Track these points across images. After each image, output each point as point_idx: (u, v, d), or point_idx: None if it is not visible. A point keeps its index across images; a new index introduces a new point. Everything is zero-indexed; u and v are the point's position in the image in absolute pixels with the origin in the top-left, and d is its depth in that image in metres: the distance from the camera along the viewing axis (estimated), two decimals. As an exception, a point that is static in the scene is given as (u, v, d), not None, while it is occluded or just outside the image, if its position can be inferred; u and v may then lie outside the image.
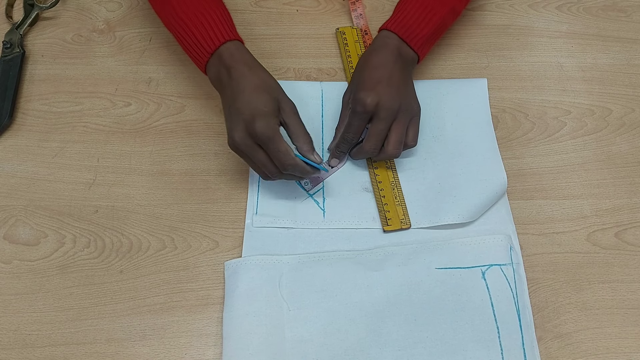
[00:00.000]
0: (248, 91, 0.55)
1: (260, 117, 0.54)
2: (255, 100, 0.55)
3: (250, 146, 0.55)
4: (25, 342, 0.54)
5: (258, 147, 0.55)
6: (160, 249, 0.59)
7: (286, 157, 0.54)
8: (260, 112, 0.54)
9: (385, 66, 0.60)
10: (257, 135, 0.54)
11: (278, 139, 0.54)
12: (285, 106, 0.57)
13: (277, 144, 0.54)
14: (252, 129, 0.54)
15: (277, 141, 0.54)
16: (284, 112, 0.56)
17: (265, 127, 0.54)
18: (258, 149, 0.55)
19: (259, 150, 0.55)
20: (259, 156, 0.55)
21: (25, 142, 0.66)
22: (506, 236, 0.58)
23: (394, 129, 0.59)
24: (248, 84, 0.56)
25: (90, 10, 0.76)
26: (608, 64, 0.71)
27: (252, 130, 0.54)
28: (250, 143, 0.55)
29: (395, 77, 0.60)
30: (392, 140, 0.59)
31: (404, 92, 0.60)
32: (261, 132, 0.53)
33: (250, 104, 0.54)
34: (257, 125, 0.53)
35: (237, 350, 0.52)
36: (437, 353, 0.52)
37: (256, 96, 0.55)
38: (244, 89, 0.55)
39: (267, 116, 0.54)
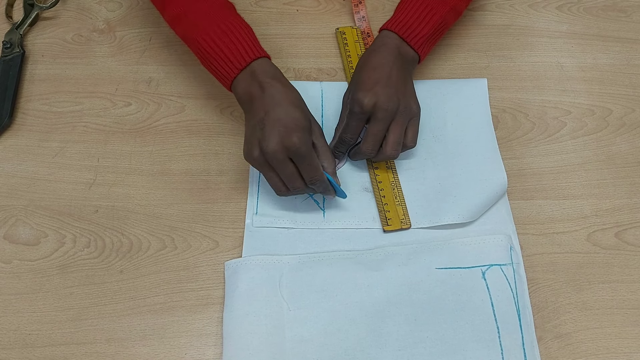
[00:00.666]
0: (285, 105, 0.55)
1: (300, 130, 0.54)
2: (293, 114, 0.55)
3: (282, 159, 0.54)
4: (25, 342, 0.54)
5: (289, 160, 0.55)
6: (160, 248, 0.59)
7: (317, 173, 0.55)
8: (299, 126, 0.54)
9: (384, 66, 0.60)
10: (294, 147, 0.53)
11: (313, 155, 0.55)
12: (315, 127, 0.58)
13: (312, 158, 0.55)
14: (290, 141, 0.53)
15: (312, 156, 0.55)
16: (314, 133, 0.57)
17: (305, 141, 0.54)
18: (289, 162, 0.55)
19: (289, 163, 0.55)
20: (289, 169, 0.55)
21: (25, 142, 0.66)
22: (506, 236, 0.58)
23: (392, 130, 0.59)
24: (285, 99, 0.56)
25: (91, 10, 0.76)
26: (608, 64, 0.71)
27: (290, 143, 0.53)
28: (283, 156, 0.54)
29: (394, 78, 0.60)
30: (390, 141, 0.59)
31: (402, 92, 0.60)
32: (300, 146, 0.53)
33: (288, 117, 0.54)
34: (295, 138, 0.53)
35: (237, 350, 0.52)
36: (437, 353, 0.52)
37: (294, 111, 0.55)
38: (281, 103, 0.55)
39: (305, 131, 0.55)
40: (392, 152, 0.59)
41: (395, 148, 0.59)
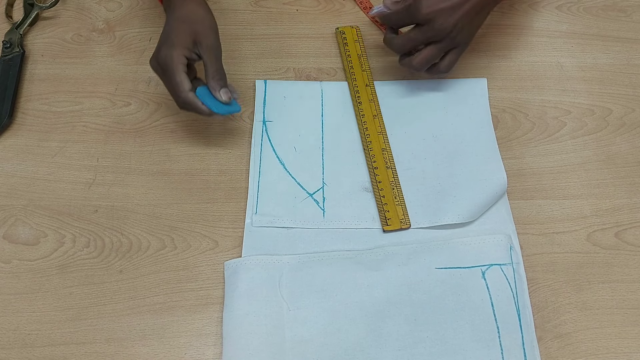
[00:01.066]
0: (170, 22, 0.58)
1: (166, 46, 0.56)
2: (170, 30, 0.58)
3: (159, 73, 0.58)
4: (25, 341, 0.54)
5: (164, 75, 0.58)
6: (160, 248, 0.59)
7: (176, 90, 0.57)
8: (167, 41, 0.57)
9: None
10: (160, 62, 0.57)
11: (172, 71, 0.56)
12: (203, 40, 0.57)
13: (171, 75, 0.56)
14: (158, 55, 0.57)
15: (171, 73, 0.56)
16: (200, 46, 0.57)
17: (165, 56, 0.56)
18: (163, 77, 0.58)
19: (164, 78, 0.58)
20: (165, 84, 0.58)
21: (25, 141, 0.66)
22: (506, 236, 0.58)
23: (430, 47, 0.60)
24: (174, 16, 0.58)
25: (90, 10, 0.76)
26: (608, 64, 0.71)
27: (158, 57, 0.57)
28: (160, 71, 0.58)
29: (467, 6, 0.58)
30: (422, 55, 0.60)
31: (465, 21, 0.59)
32: (162, 61, 0.56)
33: (165, 33, 0.58)
34: (160, 53, 0.57)
35: (237, 350, 0.52)
36: (437, 353, 0.52)
37: (173, 26, 0.58)
38: (169, 20, 0.59)
39: (171, 46, 0.56)
40: (417, 64, 0.60)
41: (422, 63, 0.60)
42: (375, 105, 0.67)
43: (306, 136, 0.65)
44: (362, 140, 0.65)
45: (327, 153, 0.64)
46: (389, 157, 0.63)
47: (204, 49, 0.58)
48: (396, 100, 0.68)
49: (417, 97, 0.68)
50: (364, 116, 0.66)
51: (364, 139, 0.64)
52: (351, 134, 0.66)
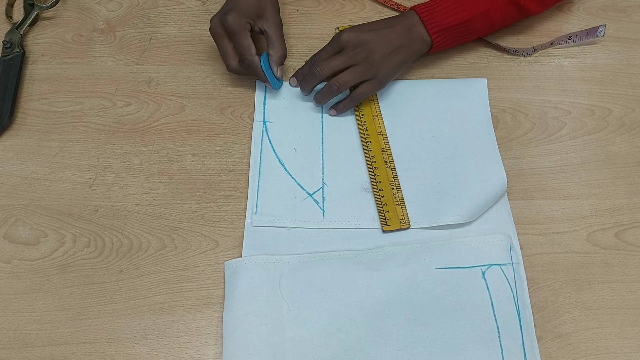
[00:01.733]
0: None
1: (235, 12, 0.62)
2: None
3: (220, 34, 0.63)
4: (25, 341, 0.54)
5: (226, 37, 0.63)
6: (160, 248, 0.59)
7: (245, 52, 0.63)
8: (237, 7, 0.63)
9: (387, 27, 0.65)
10: (227, 23, 0.62)
11: (243, 35, 0.63)
12: (270, 17, 0.65)
13: (241, 38, 0.63)
14: (225, 18, 0.62)
15: (242, 36, 0.62)
16: (266, 21, 0.65)
17: (235, 21, 0.62)
18: (225, 39, 0.64)
19: (225, 40, 0.64)
20: (224, 44, 0.64)
21: (25, 141, 0.66)
22: (506, 236, 0.58)
23: (348, 71, 0.63)
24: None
25: (90, 10, 0.76)
26: (608, 64, 0.71)
27: (224, 19, 0.62)
28: (221, 31, 0.63)
29: (386, 39, 0.64)
30: (340, 77, 0.63)
31: (382, 53, 0.64)
32: (230, 24, 0.62)
33: (233, 1, 0.64)
34: (229, 17, 0.62)
35: (237, 350, 0.52)
36: (437, 353, 0.52)
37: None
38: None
39: (240, 13, 0.62)
40: (334, 84, 0.63)
41: (339, 83, 0.63)
42: (375, 105, 0.67)
43: (306, 136, 0.65)
44: (361, 141, 0.65)
45: (327, 153, 0.64)
46: (389, 157, 0.63)
47: (271, 24, 0.65)
48: (396, 100, 0.68)
49: (417, 97, 0.68)
50: (363, 116, 0.66)
51: (364, 139, 0.64)
52: (351, 134, 0.66)
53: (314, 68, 0.64)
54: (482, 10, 0.65)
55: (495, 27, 0.69)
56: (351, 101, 0.65)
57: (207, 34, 0.73)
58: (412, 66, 0.70)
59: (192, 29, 0.75)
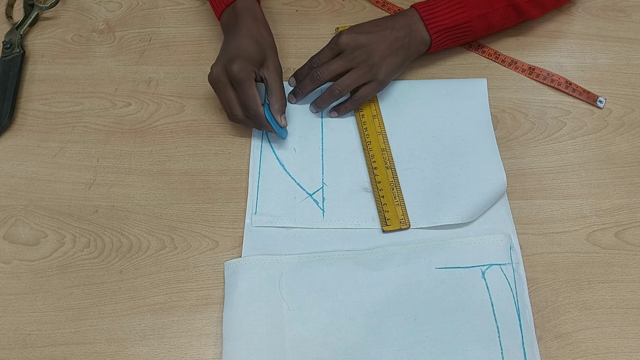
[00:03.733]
0: (241, 37, 0.61)
1: (239, 59, 0.59)
2: (243, 45, 0.61)
3: (223, 83, 0.60)
4: (25, 342, 0.54)
5: (229, 86, 0.60)
6: (160, 249, 0.59)
7: (251, 102, 0.60)
8: (241, 55, 0.60)
9: (386, 28, 0.64)
10: (231, 72, 0.59)
11: (249, 84, 0.60)
12: (270, 64, 0.62)
13: (247, 87, 0.59)
14: (229, 67, 0.59)
15: (247, 85, 0.59)
16: (267, 69, 0.62)
17: (241, 69, 0.59)
18: (228, 88, 0.60)
19: (228, 89, 0.60)
20: (227, 94, 0.61)
21: (25, 142, 0.66)
22: (506, 236, 0.58)
23: (348, 74, 0.63)
24: (245, 32, 0.62)
25: (90, 10, 0.76)
26: (608, 64, 0.71)
27: (229, 68, 0.59)
28: (224, 80, 0.60)
29: (385, 40, 0.64)
30: (341, 80, 0.63)
31: (381, 54, 0.63)
32: (236, 73, 0.59)
33: (237, 47, 0.61)
34: (234, 65, 0.59)
35: (237, 350, 0.52)
36: (437, 353, 0.52)
37: (245, 42, 0.61)
38: (239, 34, 0.62)
39: (246, 61, 0.59)
40: (336, 89, 0.63)
41: (342, 88, 0.63)
42: (374, 105, 0.67)
43: (306, 137, 0.65)
44: (361, 141, 0.65)
45: (327, 153, 0.64)
46: (389, 157, 0.63)
47: (271, 71, 0.62)
48: (396, 101, 0.68)
49: (417, 97, 0.68)
50: (363, 116, 0.66)
51: (364, 139, 0.64)
52: (351, 134, 0.66)
53: (314, 72, 0.64)
54: (481, 12, 0.65)
55: (494, 29, 0.69)
56: (352, 104, 0.65)
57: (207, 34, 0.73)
58: (412, 66, 0.70)
59: (192, 29, 0.75)
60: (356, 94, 0.65)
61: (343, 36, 0.63)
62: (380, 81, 0.64)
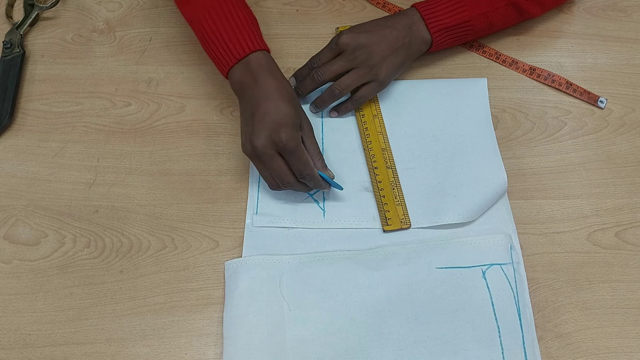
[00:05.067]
0: (274, 99, 0.56)
1: (288, 126, 0.54)
2: (283, 109, 0.55)
3: (271, 154, 0.55)
4: (25, 342, 0.54)
5: (278, 155, 0.56)
6: (160, 249, 0.59)
7: (306, 168, 0.56)
8: (287, 122, 0.55)
9: (387, 27, 0.64)
10: (282, 143, 0.54)
11: (302, 150, 0.56)
12: (305, 124, 0.59)
13: (301, 153, 0.55)
14: (278, 137, 0.54)
15: (301, 151, 0.55)
16: (303, 130, 0.58)
17: (292, 137, 0.54)
18: (277, 157, 0.56)
19: (278, 158, 0.56)
20: (277, 164, 0.56)
21: (25, 142, 0.66)
22: (506, 235, 0.57)
23: (349, 74, 0.63)
24: (275, 92, 0.56)
25: (90, 10, 0.76)
26: (608, 64, 0.71)
27: (277, 138, 0.54)
28: (272, 151, 0.55)
29: (385, 40, 0.64)
30: (341, 80, 0.63)
31: (381, 54, 0.63)
32: (287, 141, 0.54)
33: (278, 112, 0.55)
34: (283, 134, 0.54)
35: (237, 350, 0.52)
36: (437, 352, 0.52)
37: (283, 106, 0.55)
38: (271, 96, 0.56)
39: (293, 127, 0.55)
40: (336, 89, 0.63)
41: (342, 88, 0.63)
42: (375, 105, 0.67)
43: (306, 136, 0.65)
44: (362, 140, 0.65)
45: (327, 153, 0.64)
46: (389, 157, 0.63)
47: (306, 131, 0.58)
48: (396, 100, 0.68)
49: (417, 97, 0.68)
50: (364, 116, 0.66)
51: (364, 139, 0.64)
52: (351, 134, 0.66)
53: (314, 72, 0.64)
54: (482, 11, 0.65)
55: (495, 28, 0.69)
56: (353, 104, 0.65)
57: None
58: (412, 66, 0.70)
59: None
60: (356, 94, 0.65)
61: (343, 36, 0.63)
62: (381, 81, 0.64)
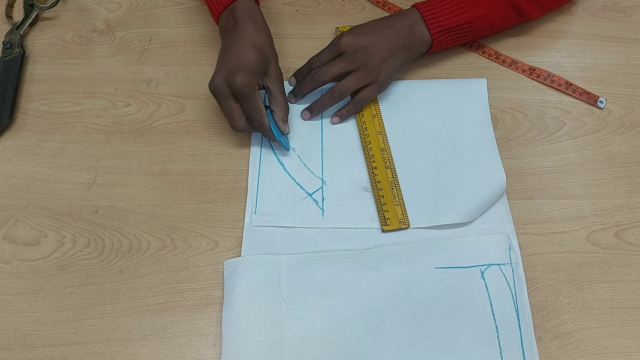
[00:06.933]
0: (243, 44, 0.59)
1: (243, 72, 0.57)
2: (246, 54, 0.58)
3: (225, 95, 0.59)
4: (25, 342, 0.54)
5: (232, 97, 0.59)
6: (160, 249, 0.59)
7: (257, 114, 0.59)
8: (244, 67, 0.58)
9: (387, 28, 0.64)
10: (235, 86, 0.57)
11: (254, 96, 0.59)
12: (272, 72, 0.61)
13: (251, 99, 0.58)
14: (232, 79, 0.57)
15: (252, 98, 0.59)
16: (269, 78, 0.61)
17: (244, 82, 0.57)
18: (231, 99, 0.59)
19: (231, 100, 0.59)
20: (230, 105, 0.59)
21: (25, 142, 0.66)
22: (505, 236, 0.58)
23: (349, 77, 0.63)
24: (246, 38, 0.59)
25: (90, 11, 0.76)
26: (607, 64, 0.71)
27: (232, 81, 0.57)
28: (226, 92, 0.58)
29: (386, 42, 0.64)
30: (341, 83, 0.63)
31: (382, 57, 0.63)
32: (239, 86, 0.57)
33: (240, 57, 0.58)
34: (237, 78, 0.57)
35: (236, 350, 0.52)
36: (436, 352, 0.52)
37: (248, 51, 0.59)
38: (241, 42, 0.59)
39: (249, 73, 0.58)
40: (336, 92, 0.63)
41: (342, 91, 0.63)
42: (374, 105, 0.67)
43: (305, 136, 0.65)
44: (361, 140, 0.65)
45: (327, 153, 0.64)
46: (388, 157, 0.63)
47: (274, 80, 0.61)
48: (396, 100, 0.68)
49: (417, 97, 0.68)
50: (363, 116, 0.66)
51: (363, 139, 0.64)
52: (350, 133, 0.66)
53: (314, 73, 0.64)
54: (482, 12, 0.65)
55: (495, 29, 0.69)
56: (354, 107, 0.65)
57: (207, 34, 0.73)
58: (412, 66, 0.70)
59: (192, 29, 0.75)
60: (357, 97, 0.65)
61: (344, 38, 0.63)
62: (381, 83, 0.64)
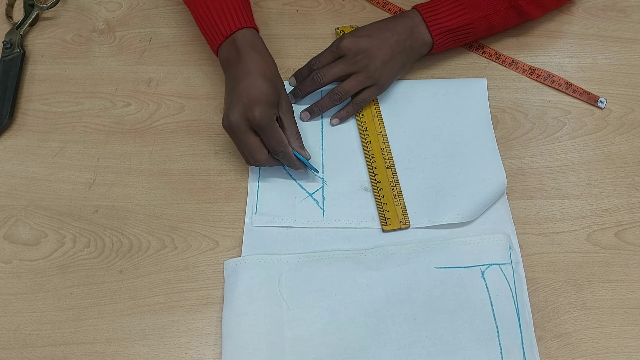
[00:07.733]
0: (254, 76, 0.57)
1: (260, 104, 0.56)
2: (260, 86, 0.56)
3: (244, 130, 0.57)
4: (25, 342, 0.54)
5: (251, 132, 0.57)
6: (160, 248, 0.59)
7: (279, 145, 0.58)
8: (260, 99, 0.56)
9: (388, 30, 0.64)
10: (255, 120, 0.56)
11: (275, 127, 0.57)
12: (284, 102, 0.60)
13: (273, 132, 0.57)
14: (251, 114, 0.56)
15: (274, 129, 0.57)
16: (281, 108, 0.59)
17: (264, 114, 0.56)
18: (250, 133, 0.57)
19: (251, 135, 0.57)
20: (249, 140, 0.57)
21: (25, 142, 0.66)
22: (505, 236, 0.58)
23: (349, 79, 0.63)
24: (255, 69, 0.57)
25: (90, 11, 0.76)
26: (607, 64, 0.71)
27: (251, 115, 0.56)
28: (245, 127, 0.56)
29: (386, 44, 0.63)
30: (342, 85, 0.63)
31: (382, 59, 0.63)
32: (260, 119, 0.56)
33: (254, 89, 0.56)
34: (256, 111, 0.55)
35: (236, 350, 0.52)
36: (436, 352, 0.52)
37: (261, 83, 0.57)
38: (250, 73, 0.57)
39: (266, 105, 0.56)
40: (337, 94, 0.64)
41: (342, 93, 0.63)
42: (375, 105, 0.67)
43: (306, 137, 0.65)
44: (361, 140, 0.65)
45: (327, 153, 0.64)
46: (389, 157, 0.63)
47: (285, 110, 0.59)
48: (396, 100, 0.68)
49: (417, 97, 0.68)
50: (363, 116, 0.66)
51: (364, 138, 0.64)
52: (351, 133, 0.66)
53: (315, 74, 0.64)
54: (483, 14, 0.65)
55: (495, 30, 0.69)
56: (354, 108, 0.65)
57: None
58: (412, 66, 0.70)
59: (192, 29, 0.75)
60: (357, 98, 0.65)
61: (345, 40, 0.63)
62: (381, 85, 0.64)
